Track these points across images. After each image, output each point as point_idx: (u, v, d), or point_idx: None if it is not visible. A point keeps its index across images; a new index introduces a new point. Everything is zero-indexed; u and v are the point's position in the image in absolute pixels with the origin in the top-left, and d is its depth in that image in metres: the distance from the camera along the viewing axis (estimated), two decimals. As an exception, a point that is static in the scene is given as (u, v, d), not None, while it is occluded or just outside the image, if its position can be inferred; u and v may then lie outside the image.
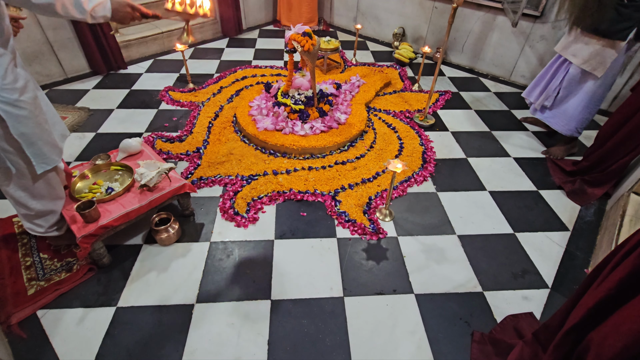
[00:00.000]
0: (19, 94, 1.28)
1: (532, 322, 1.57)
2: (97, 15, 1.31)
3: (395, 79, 3.56)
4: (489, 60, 3.74)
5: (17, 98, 1.27)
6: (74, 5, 1.25)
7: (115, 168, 1.91)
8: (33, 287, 1.62)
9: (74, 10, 1.25)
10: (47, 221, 1.64)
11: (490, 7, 3.46)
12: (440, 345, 1.50)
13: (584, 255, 1.92)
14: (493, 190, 2.31)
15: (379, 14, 4.38)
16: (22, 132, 1.32)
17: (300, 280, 1.72)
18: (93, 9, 1.29)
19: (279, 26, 4.77)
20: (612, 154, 2.14)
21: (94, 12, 1.30)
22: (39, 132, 1.39)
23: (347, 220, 2.02)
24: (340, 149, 2.55)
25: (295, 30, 2.34)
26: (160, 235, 1.81)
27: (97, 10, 1.30)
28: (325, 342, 1.49)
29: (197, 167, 2.33)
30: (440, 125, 2.92)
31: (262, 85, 3.22)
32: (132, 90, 3.19)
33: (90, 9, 1.28)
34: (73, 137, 2.58)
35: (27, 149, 1.36)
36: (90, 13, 1.29)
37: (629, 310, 0.84)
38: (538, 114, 2.62)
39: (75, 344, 1.45)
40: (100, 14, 1.31)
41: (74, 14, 1.26)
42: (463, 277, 1.78)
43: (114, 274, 1.72)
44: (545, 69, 2.52)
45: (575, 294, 1.13)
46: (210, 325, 1.53)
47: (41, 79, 3.12)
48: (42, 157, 1.43)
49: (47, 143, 1.44)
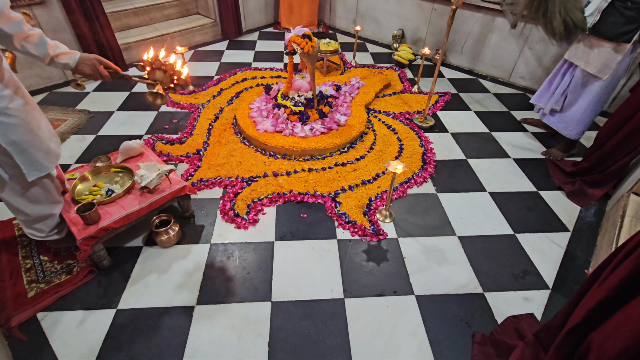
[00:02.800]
0: (7, 102, 1.26)
1: (533, 323, 1.57)
2: (60, 62, 1.31)
3: (395, 80, 3.57)
4: (488, 61, 3.75)
5: (5, 106, 1.25)
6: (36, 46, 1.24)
7: (115, 170, 1.91)
8: (33, 289, 1.62)
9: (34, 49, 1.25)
10: (47, 225, 1.63)
11: (489, 8, 3.47)
12: (441, 347, 1.50)
13: (584, 256, 1.92)
14: (493, 191, 2.31)
15: (378, 16, 4.39)
16: (11, 140, 1.30)
17: (301, 281, 1.72)
18: (58, 54, 1.29)
19: (278, 28, 4.78)
20: (611, 155, 2.15)
21: (58, 58, 1.30)
22: (31, 139, 1.36)
23: (347, 221, 2.02)
24: (340, 151, 2.55)
25: (295, 33, 2.34)
26: (160, 237, 1.81)
27: (62, 58, 1.31)
28: (325, 344, 1.48)
29: (197, 169, 2.33)
30: (440, 127, 2.93)
31: (262, 87, 3.23)
32: (132, 92, 3.19)
33: (55, 54, 1.28)
34: (73, 139, 2.59)
35: (16, 156, 1.34)
36: (52, 57, 1.28)
37: (630, 310, 0.84)
38: (547, 118, 2.62)
39: (76, 346, 1.45)
40: (63, 61, 1.32)
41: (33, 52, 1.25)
42: (463, 278, 1.78)
43: (114, 276, 1.71)
44: (553, 74, 2.53)
45: (576, 295, 1.13)
46: (210, 327, 1.53)
47: (42, 82, 3.13)
48: (34, 165, 1.40)
49: (40, 150, 1.41)
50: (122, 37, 3.61)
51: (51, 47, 1.28)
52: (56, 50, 1.29)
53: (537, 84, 3.45)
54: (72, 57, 1.33)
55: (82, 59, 1.35)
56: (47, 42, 1.27)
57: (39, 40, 1.25)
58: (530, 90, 3.53)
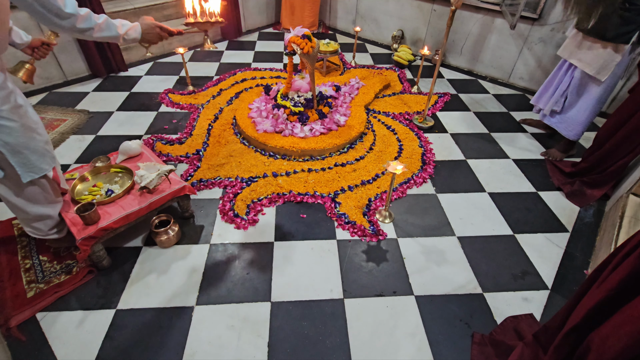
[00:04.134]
0: (0, 104, 1.25)
1: (533, 324, 1.57)
2: (129, 37, 1.42)
3: (395, 81, 3.57)
4: (488, 62, 3.75)
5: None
6: (110, 29, 1.33)
7: (115, 170, 1.91)
8: (32, 289, 1.61)
9: (109, 33, 1.34)
10: (45, 224, 1.63)
11: (489, 9, 3.48)
12: (440, 347, 1.50)
13: (583, 257, 1.92)
14: (492, 192, 2.31)
15: (378, 16, 4.40)
16: (6, 142, 1.30)
17: (300, 282, 1.72)
18: (126, 32, 1.39)
19: (278, 29, 4.78)
20: (610, 156, 2.15)
21: (127, 35, 1.41)
22: (25, 141, 1.36)
23: (346, 222, 2.02)
24: (339, 151, 2.55)
25: (295, 33, 2.35)
26: (160, 237, 1.81)
27: (129, 34, 1.41)
28: (325, 344, 1.48)
29: (197, 170, 2.33)
30: (439, 127, 2.93)
31: (261, 88, 3.23)
32: (131, 92, 3.19)
33: (124, 33, 1.37)
34: (73, 139, 2.59)
35: (11, 158, 1.34)
36: (122, 36, 1.38)
37: (629, 311, 0.84)
38: (547, 119, 2.63)
39: (75, 346, 1.45)
40: (132, 36, 1.42)
41: (109, 36, 1.34)
42: (463, 278, 1.78)
43: (113, 276, 1.71)
44: (552, 75, 2.54)
45: (576, 295, 1.13)
46: (210, 328, 1.52)
47: (41, 82, 3.12)
48: (29, 167, 1.40)
49: (35, 152, 1.41)
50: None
51: (120, 28, 1.36)
52: (123, 28, 1.37)
53: (536, 85, 3.46)
54: (136, 30, 1.43)
55: (145, 29, 1.46)
56: (115, 24, 1.35)
57: (109, 25, 1.33)
58: (530, 90, 3.54)
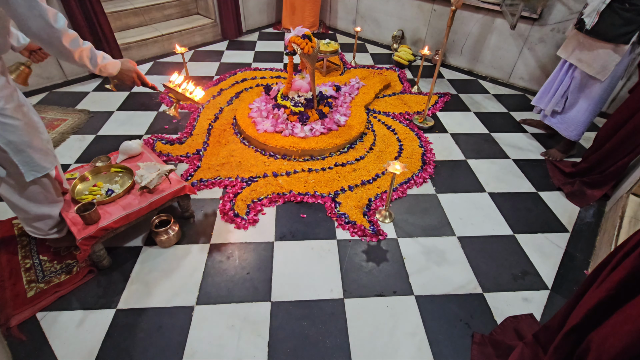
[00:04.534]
0: (4, 103, 1.27)
1: (533, 324, 1.57)
2: (106, 71, 1.44)
3: (395, 81, 3.57)
4: (488, 62, 3.75)
5: (1, 106, 1.26)
6: (89, 59, 1.35)
7: (115, 170, 1.91)
8: (32, 289, 1.62)
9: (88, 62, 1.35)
10: (46, 224, 1.64)
11: (489, 9, 3.48)
12: (440, 347, 1.50)
13: (583, 257, 1.92)
14: (492, 192, 2.31)
15: (378, 16, 4.40)
16: (9, 140, 1.31)
17: (301, 282, 1.72)
18: (105, 65, 1.41)
19: (278, 29, 4.78)
20: (611, 156, 2.15)
21: (105, 68, 1.42)
22: (28, 139, 1.37)
23: (347, 221, 2.02)
24: (339, 151, 2.55)
25: (295, 33, 2.35)
26: (160, 237, 1.81)
27: (107, 68, 1.43)
28: (325, 344, 1.48)
29: (197, 169, 2.33)
30: (439, 127, 2.93)
31: (261, 88, 3.23)
32: (132, 92, 3.19)
33: (102, 65, 1.40)
34: (73, 139, 2.59)
35: (14, 156, 1.35)
36: (99, 67, 1.40)
37: (629, 310, 0.84)
38: (548, 119, 2.63)
39: (75, 346, 1.45)
40: (108, 71, 1.45)
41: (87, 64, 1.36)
42: (463, 278, 1.78)
43: (113, 276, 1.71)
44: (553, 75, 2.54)
45: (575, 295, 1.13)
46: (210, 328, 1.53)
47: (41, 82, 3.12)
48: (32, 165, 1.41)
49: (38, 150, 1.42)
50: (121, 37, 3.61)
51: (100, 58, 1.39)
52: (103, 60, 1.40)
53: (536, 85, 3.46)
54: (115, 67, 1.47)
55: (124, 69, 1.51)
56: (97, 54, 1.38)
57: (91, 54, 1.35)
58: (530, 91, 3.54)
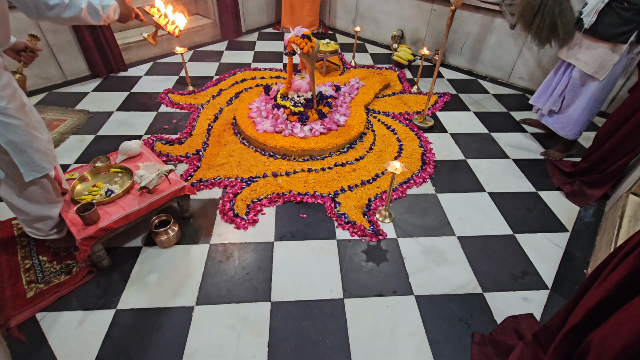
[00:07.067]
0: (6, 102, 1.27)
1: (532, 323, 1.57)
2: (110, 19, 1.49)
3: (394, 81, 3.57)
4: (488, 62, 3.75)
5: (4, 106, 1.26)
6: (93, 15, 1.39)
7: (114, 170, 1.91)
8: (32, 289, 1.61)
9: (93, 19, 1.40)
10: (46, 225, 1.64)
11: (488, 9, 3.48)
12: (440, 347, 1.50)
13: (583, 256, 1.92)
14: (492, 192, 2.31)
15: (377, 16, 4.40)
16: (10, 140, 1.31)
17: (300, 282, 1.72)
18: (107, 15, 1.45)
19: (278, 29, 4.78)
20: (610, 155, 2.15)
21: (108, 18, 1.46)
22: (29, 139, 1.37)
23: (346, 221, 2.02)
24: (339, 151, 2.55)
25: (295, 33, 2.34)
26: (159, 237, 1.81)
27: (110, 17, 1.47)
28: (325, 344, 1.48)
29: (197, 169, 2.33)
30: (439, 127, 2.93)
31: (261, 88, 3.23)
32: (131, 92, 3.19)
33: (105, 16, 1.44)
34: (72, 139, 2.59)
35: (15, 156, 1.35)
36: (103, 19, 1.44)
37: (629, 310, 0.84)
38: (545, 119, 2.63)
39: (75, 346, 1.45)
40: (111, 19, 1.49)
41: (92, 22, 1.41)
42: (463, 278, 1.78)
43: (113, 276, 1.71)
44: (551, 75, 2.54)
45: (576, 295, 1.13)
46: (210, 328, 1.52)
47: (41, 82, 3.12)
48: (32, 165, 1.41)
49: (38, 151, 1.42)
50: (121, 37, 3.61)
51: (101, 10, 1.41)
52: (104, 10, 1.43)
53: (536, 85, 3.46)
54: (115, 11, 1.49)
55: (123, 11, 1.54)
56: (97, 7, 1.39)
57: (92, 11, 1.38)
58: (529, 90, 3.54)
